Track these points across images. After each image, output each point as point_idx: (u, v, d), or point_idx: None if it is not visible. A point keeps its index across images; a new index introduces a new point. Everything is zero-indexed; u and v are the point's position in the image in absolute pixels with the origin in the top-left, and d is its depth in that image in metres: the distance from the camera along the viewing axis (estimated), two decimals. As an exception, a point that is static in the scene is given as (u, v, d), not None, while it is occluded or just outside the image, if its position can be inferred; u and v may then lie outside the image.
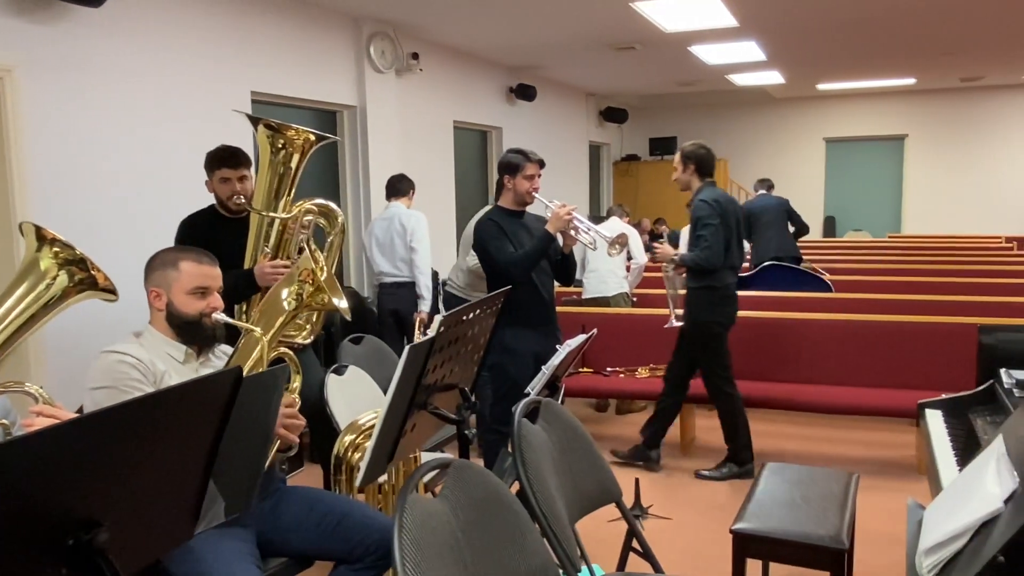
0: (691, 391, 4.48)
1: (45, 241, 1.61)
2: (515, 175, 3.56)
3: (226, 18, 4.67)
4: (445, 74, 7.08)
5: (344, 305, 2.26)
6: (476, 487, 1.54)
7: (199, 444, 1.28)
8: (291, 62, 5.19)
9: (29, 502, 1.02)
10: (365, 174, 5.91)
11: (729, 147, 12.47)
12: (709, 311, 4.15)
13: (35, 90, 3.59)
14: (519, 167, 3.55)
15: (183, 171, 4.18)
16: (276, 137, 2.84)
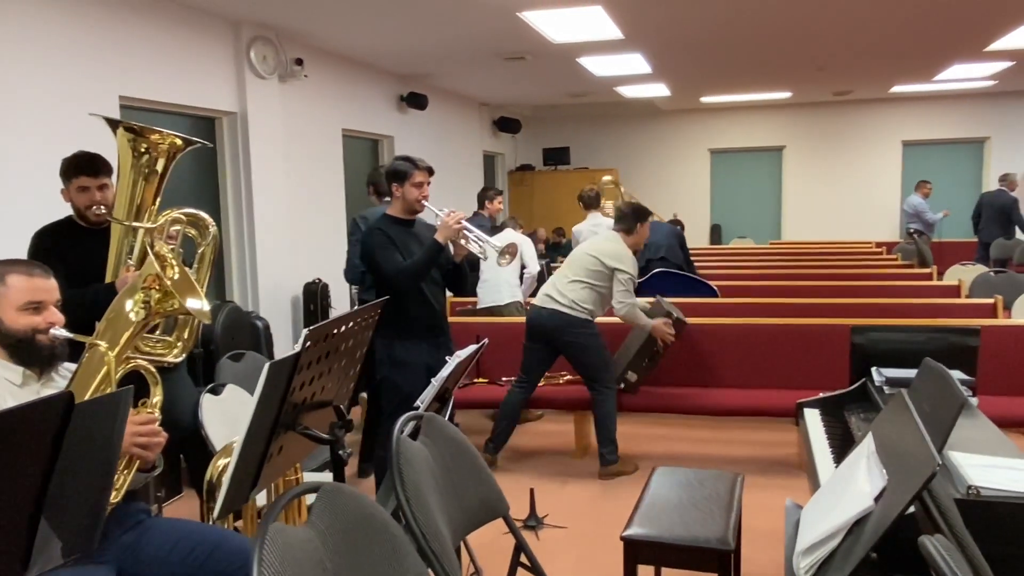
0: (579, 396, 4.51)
1: None
2: (403, 183, 3.48)
3: (91, 18, 4.38)
4: (332, 81, 6.91)
5: (199, 307, 2.12)
6: (347, 511, 1.44)
7: (25, 479, 1.14)
8: (165, 66, 4.93)
9: None
10: (247, 182, 5.68)
11: (619, 158, 12.74)
12: None
13: None
14: (407, 174, 3.47)
15: (38, 181, 3.88)
16: (138, 141, 2.66)
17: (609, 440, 4.34)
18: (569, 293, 4.33)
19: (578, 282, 4.34)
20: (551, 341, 4.37)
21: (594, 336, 4.36)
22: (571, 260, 4.49)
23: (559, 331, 4.33)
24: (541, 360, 4.46)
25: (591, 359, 4.35)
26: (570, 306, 4.31)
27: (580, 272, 4.37)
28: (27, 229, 3.19)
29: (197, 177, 5.47)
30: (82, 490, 1.26)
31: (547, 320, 4.35)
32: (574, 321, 4.30)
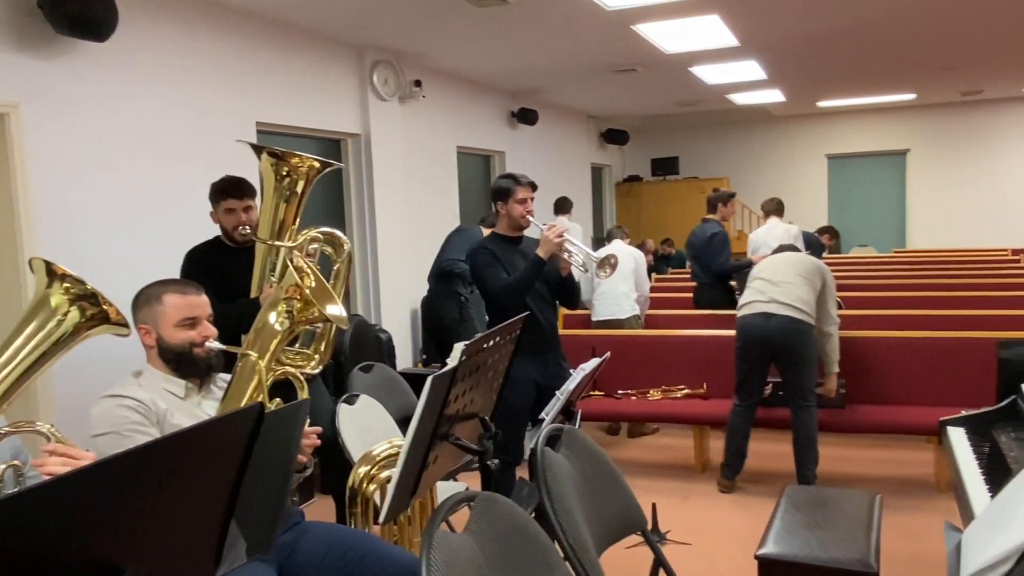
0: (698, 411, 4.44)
1: (55, 277, 1.59)
2: (507, 200, 3.51)
3: (232, 51, 4.69)
4: (447, 100, 7.10)
5: (337, 313, 2.23)
6: (502, 520, 1.49)
7: (221, 484, 1.24)
8: (296, 92, 5.21)
9: (51, 550, 0.98)
10: (370, 201, 5.91)
11: (730, 166, 12.49)
12: None
13: (40, 126, 3.59)
14: (510, 192, 3.50)
15: (189, 204, 4.17)
16: (280, 165, 2.82)
17: (815, 460, 4.11)
18: (795, 300, 4.04)
19: (794, 286, 4.08)
20: (779, 349, 4.07)
21: (815, 346, 4.16)
22: (774, 267, 4.21)
23: (795, 340, 4.03)
24: (763, 372, 4.18)
25: (810, 371, 4.10)
26: (804, 311, 4.03)
27: (793, 278, 4.10)
28: (180, 248, 3.43)
29: (325, 196, 5.73)
30: (265, 493, 1.36)
31: (784, 327, 4.02)
32: (808, 329, 4.06)
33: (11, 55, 3.48)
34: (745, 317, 4.16)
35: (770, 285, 4.15)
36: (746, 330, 4.15)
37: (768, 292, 4.12)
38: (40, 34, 3.56)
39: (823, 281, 4.14)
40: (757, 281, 4.23)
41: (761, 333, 4.08)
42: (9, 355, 1.54)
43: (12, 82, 3.47)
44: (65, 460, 1.58)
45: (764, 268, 4.29)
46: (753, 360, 4.15)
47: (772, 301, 4.08)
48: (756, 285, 4.21)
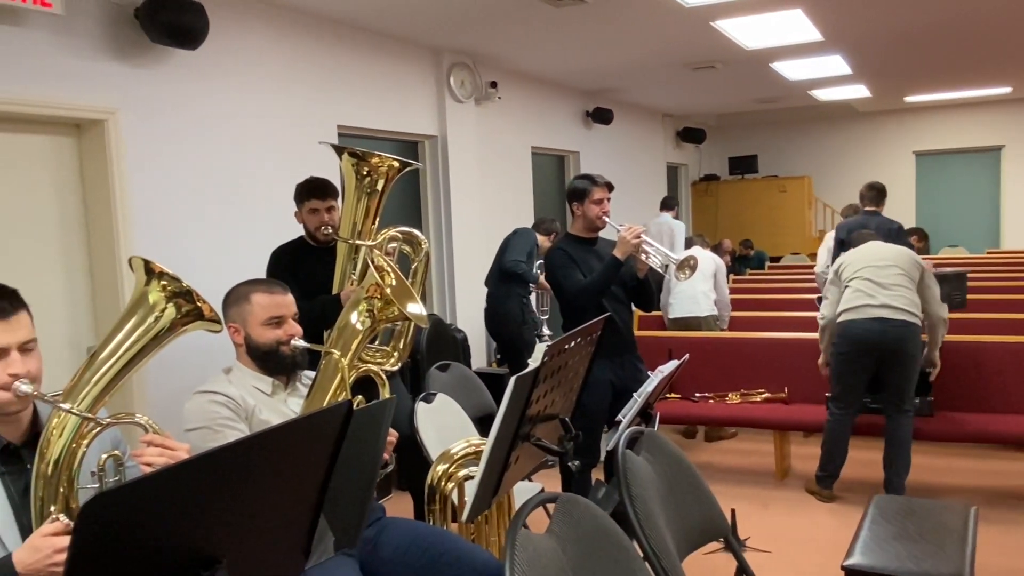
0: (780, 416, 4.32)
1: (153, 275, 1.65)
2: (583, 201, 3.49)
3: (315, 56, 4.80)
4: (523, 101, 7.11)
5: (417, 311, 2.26)
6: (584, 522, 1.49)
7: (311, 479, 1.28)
8: (375, 95, 5.30)
9: (155, 539, 1.02)
10: (446, 202, 5.97)
11: (811, 164, 12.14)
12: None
13: (136, 131, 3.75)
14: (586, 192, 3.49)
15: (274, 205, 4.29)
16: (361, 165, 2.88)
17: (906, 469, 3.97)
18: (907, 304, 3.91)
19: (904, 287, 3.95)
20: (891, 355, 3.92)
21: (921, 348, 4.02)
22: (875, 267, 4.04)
23: (909, 344, 3.90)
24: (867, 378, 4.04)
25: (915, 374, 3.98)
26: (915, 314, 3.91)
27: (897, 278, 3.97)
28: (265, 248, 3.54)
29: (403, 197, 5.82)
30: (352, 489, 1.39)
31: (900, 332, 3.88)
32: (918, 331, 3.92)
33: (110, 63, 3.64)
34: (855, 322, 3.96)
35: (877, 287, 3.97)
36: (855, 335, 3.96)
37: (877, 296, 3.94)
38: (137, 43, 3.72)
39: (921, 270, 4.00)
40: (859, 281, 4.03)
41: (874, 338, 3.91)
42: (111, 349, 1.61)
43: (111, 89, 3.64)
44: (162, 451, 1.65)
45: (861, 267, 4.07)
46: (862, 366, 3.99)
47: (884, 306, 3.91)
48: (859, 286, 4.02)
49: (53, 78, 3.41)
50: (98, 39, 3.60)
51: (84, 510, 0.88)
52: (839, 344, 4.04)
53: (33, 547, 1.47)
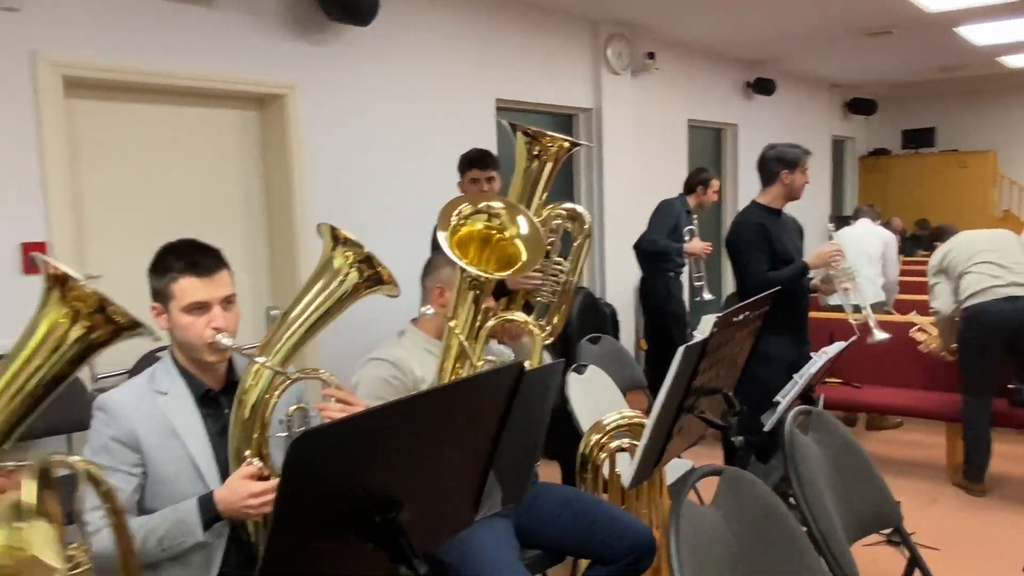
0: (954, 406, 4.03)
1: (339, 241, 1.76)
2: (794, 170, 3.42)
3: (475, 31, 4.90)
4: (680, 72, 6.93)
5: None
6: (750, 499, 1.46)
7: (483, 435, 1.33)
8: (533, 68, 5.34)
9: (349, 478, 1.10)
10: (599, 175, 5.95)
11: (998, 138, 11.09)
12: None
13: (311, 106, 3.97)
14: (798, 161, 3.43)
15: (436, 174, 4.43)
16: (532, 144, 2.89)
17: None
18: None
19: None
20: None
21: None
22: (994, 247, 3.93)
23: None
24: (1000, 362, 3.91)
25: None
26: None
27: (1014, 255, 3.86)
28: (427, 216, 3.66)
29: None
30: (521, 447, 1.43)
31: None
32: None
33: (290, 40, 3.88)
34: (983, 304, 3.81)
35: (1000, 268, 3.83)
36: (987, 317, 3.80)
37: (1003, 276, 3.81)
38: (314, 21, 3.93)
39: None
40: (980, 266, 3.89)
41: (1007, 318, 3.75)
42: (300, 310, 1.74)
43: (290, 65, 3.88)
44: (343, 406, 1.76)
45: (975, 252, 3.93)
46: (992, 350, 3.83)
47: (1012, 284, 3.78)
48: (981, 270, 3.87)
49: (240, 56, 3.68)
50: (280, 17, 3.83)
51: (296, 443, 0.97)
52: (967, 331, 3.89)
53: (231, 488, 1.62)
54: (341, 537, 1.14)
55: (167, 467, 1.70)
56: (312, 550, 1.10)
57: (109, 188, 3.43)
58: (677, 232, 5.12)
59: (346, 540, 1.15)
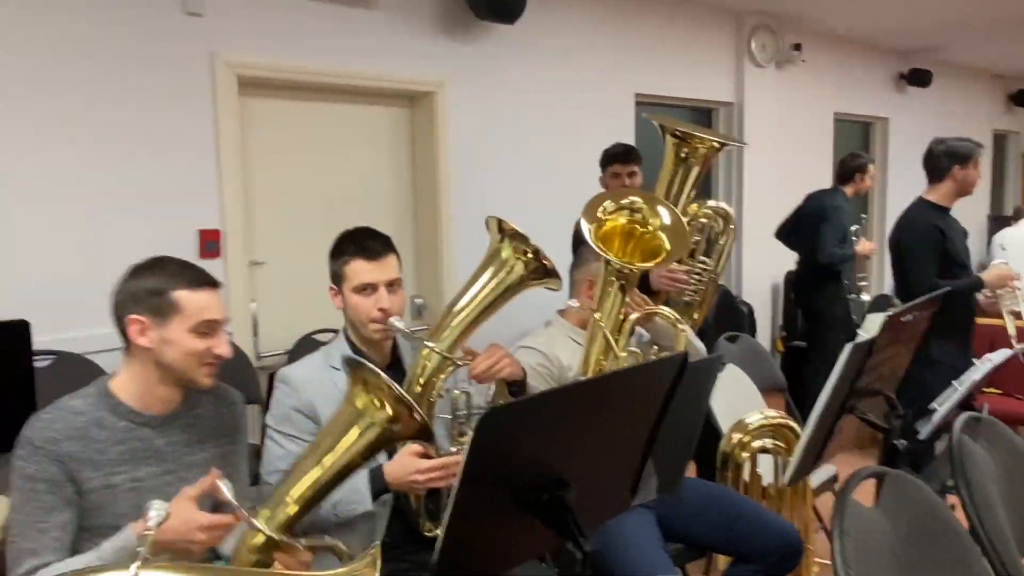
0: None
1: (506, 233, 1.84)
2: (966, 164, 3.27)
3: (615, 24, 4.90)
4: (827, 64, 6.66)
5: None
6: (916, 503, 1.43)
7: (643, 422, 1.36)
8: (672, 62, 5.29)
9: (523, 458, 1.16)
10: (738, 171, 5.82)
11: None
12: None
13: (459, 102, 4.11)
14: (971, 155, 3.29)
15: (578, 170, 4.46)
16: (681, 145, 2.86)
17: None
18: None
19: None
20: None
21: None
22: None
23: None
24: None
25: None
26: None
27: None
28: (569, 211, 3.71)
29: (694, 165, 5.76)
30: (678, 437, 1.46)
31: None
32: None
33: (438, 39, 4.03)
34: None
35: None
36: None
37: None
38: (463, 19, 4.06)
39: None
40: None
41: None
42: (467, 299, 1.82)
43: (439, 63, 4.02)
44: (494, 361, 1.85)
45: None
46: None
47: None
48: None
49: (394, 55, 3.85)
50: (432, 17, 3.99)
51: (485, 418, 1.04)
52: None
53: (400, 463, 1.73)
54: (512, 511, 1.21)
55: (340, 438, 1.83)
56: (489, 520, 1.17)
57: (274, 180, 3.68)
58: (845, 243, 4.86)
59: (516, 514, 1.22)
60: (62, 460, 1.48)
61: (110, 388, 1.59)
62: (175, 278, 1.55)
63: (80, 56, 3.01)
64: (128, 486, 1.54)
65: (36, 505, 1.47)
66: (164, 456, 1.59)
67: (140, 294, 1.55)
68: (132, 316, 1.54)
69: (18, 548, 1.47)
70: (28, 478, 1.47)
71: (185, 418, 1.64)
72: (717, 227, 3.02)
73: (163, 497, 1.45)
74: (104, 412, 1.55)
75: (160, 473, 1.58)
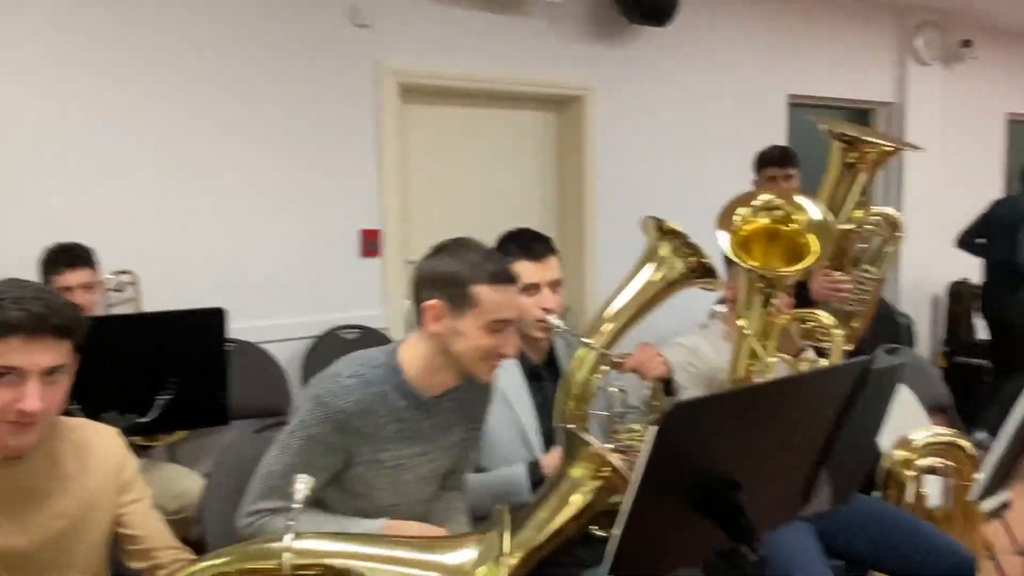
0: None
1: (664, 232, 1.84)
2: None
3: (767, 23, 4.77)
4: (1000, 62, 6.19)
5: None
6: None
7: (820, 429, 1.33)
8: (828, 61, 5.09)
9: (700, 455, 1.17)
10: (898, 174, 5.51)
11: None
12: None
13: (607, 106, 4.13)
14: None
15: (728, 173, 4.35)
16: (849, 150, 2.73)
17: None
18: None
19: None
20: None
21: None
22: None
23: None
24: None
25: None
26: None
27: None
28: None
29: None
30: (856, 448, 1.41)
31: None
32: None
33: (589, 43, 4.06)
34: None
35: None
36: None
37: None
38: (614, 24, 4.08)
39: None
40: None
41: None
42: (624, 297, 1.84)
43: (588, 68, 4.06)
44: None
45: None
46: None
47: None
48: None
49: (544, 60, 3.92)
50: (583, 22, 4.03)
51: (670, 411, 1.05)
52: None
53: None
54: (684, 510, 1.21)
55: (499, 430, 1.88)
56: (663, 518, 1.18)
57: (429, 182, 3.83)
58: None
59: (688, 513, 1.22)
60: (346, 433, 1.51)
61: (399, 361, 1.58)
62: (478, 270, 1.51)
63: (256, 65, 3.26)
64: (391, 464, 1.57)
65: (305, 459, 1.50)
66: (426, 437, 1.61)
67: (440, 280, 1.52)
68: (428, 301, 1.53)
69: (271, 484, 1.53)
70: (310, 436, 1.51)
71: (447, 401, 1.64)
72: (883, 234, 2.88)
73: (414, 476, 1.62)
74: (389, 388, 1.55)
75: (418, 453, 1.61)
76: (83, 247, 2.67)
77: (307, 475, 1.35)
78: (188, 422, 2.10)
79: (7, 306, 1.24)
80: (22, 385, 1.25)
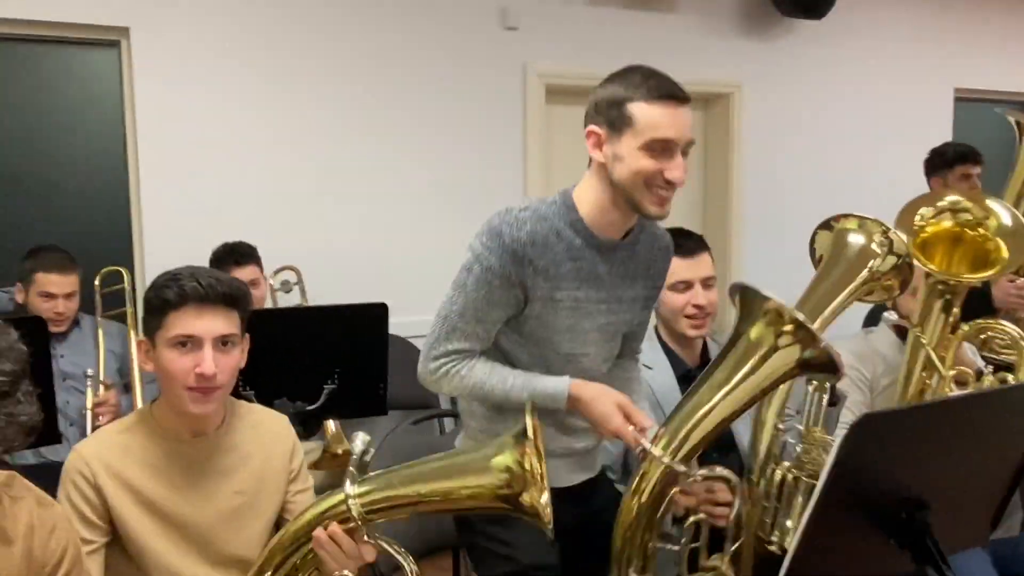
0: None
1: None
2: None
3: (933, 15, 4.49)
4: None
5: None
6: None
7: (1015, 450, 1.24)
8: (999, 53, 4.71)
9: (886, 470, 1.11)
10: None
11: None
12: None
13: (756, 102, 3.99)
14: None
15: (888, 172, 4.12)
16: None
17: None
18: None
19: None
20: None
21: None
22: None
23: None
24: None
25: None
26: None
27: None
28: (880, 216, 3.45)
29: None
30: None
31: None
32: None
33: (738, 39, 3.95)
34: None
35: None
36: None
37: None
38: (766, 18, 3.94)
39: None
40: None
41: None
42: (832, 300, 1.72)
43: (737, 64, 3.94)
44: None
45: None
46: None
47: None
48: None
49: (693, 57, 3.84)
50: (733, 18, 3.92)
51: (856, 426, 1.00)
52: None
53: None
54: (864, 528, 1.16)
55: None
56: (842, 534, 1.13)
57: (572, 182, 3.83)
58: None
59: (868, 531, 1.16)
60: (523, 265, 1.46)
61: (573, 198, 1.53)
62: (636, 88, 1.42)
63: (410, 71, 3.37)
64: (569, 304, 1.52)
65: (484, 294, 1.48)
66: (603, 283, 1.55)
67: (602, 103, 1.46)
68: (592, 127, 1.47)
69: (452, 324, 1.52)
70: (488, 268, 1.47)
71: (625, 250, 1.57)
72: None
73: (593, 324, 1.58)
74: (564, 224, 1.50)
75: (596, 300, 1.55)
76: (248, 245, 2.86)
77: (488, 312, 1.51)
78: (349, 411, 2.19)
79: (183, 280, 1.37)
80: (199, 351, 1.37)
